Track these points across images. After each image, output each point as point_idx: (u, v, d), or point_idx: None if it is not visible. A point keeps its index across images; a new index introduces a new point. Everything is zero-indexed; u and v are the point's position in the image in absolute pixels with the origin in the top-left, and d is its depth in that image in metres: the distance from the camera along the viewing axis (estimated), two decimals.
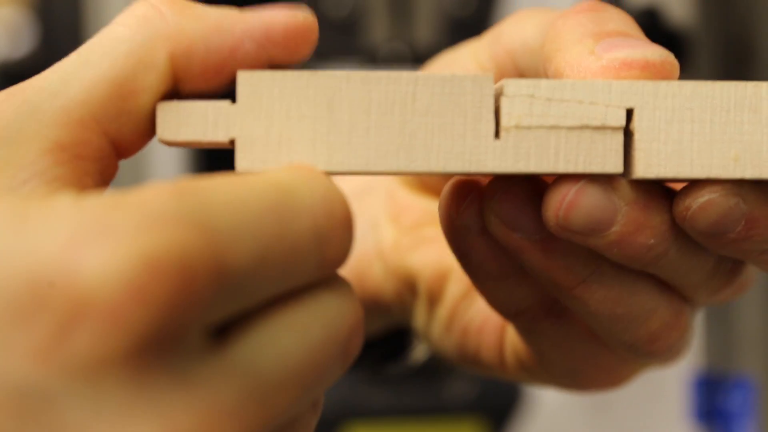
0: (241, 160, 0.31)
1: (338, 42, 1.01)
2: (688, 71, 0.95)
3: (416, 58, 1.00)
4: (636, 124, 0.32)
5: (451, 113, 0.32)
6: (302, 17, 0.33)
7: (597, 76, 0.33)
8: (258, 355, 0.28)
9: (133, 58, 0.32)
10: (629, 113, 0.33)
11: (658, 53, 0.33)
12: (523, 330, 0.39)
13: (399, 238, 0.46)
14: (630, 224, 0.33)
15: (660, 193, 0.34)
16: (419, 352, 0.55)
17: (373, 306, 0.47)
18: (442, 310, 0.44)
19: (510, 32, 0.39)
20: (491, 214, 0.34)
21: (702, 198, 0.33)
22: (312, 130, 0.31)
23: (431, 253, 0.44)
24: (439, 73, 0.33)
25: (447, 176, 0.35)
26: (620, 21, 0.35)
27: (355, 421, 0.89)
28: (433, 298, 0.44)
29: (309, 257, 0.29)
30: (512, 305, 0.38)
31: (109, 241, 0.25)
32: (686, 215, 0.33)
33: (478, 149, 0.32)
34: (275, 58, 0.33)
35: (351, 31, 1.00)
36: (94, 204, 0.26)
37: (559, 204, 0.32)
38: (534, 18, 0.39)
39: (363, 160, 0.32)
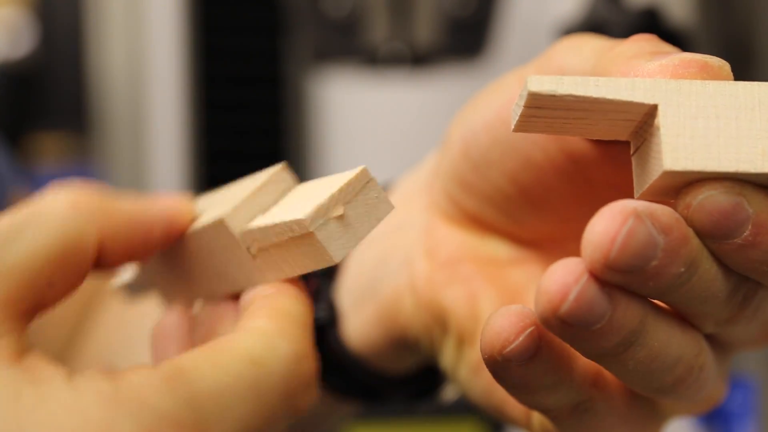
0: None
1: (338, 42, 1.01)
2: None
3: (416, 58, 1.00)
4: (661, 120, 0.33)
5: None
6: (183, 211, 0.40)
7: (654, 76, 0.33)
8: None
9: (67, 239, 0.36)
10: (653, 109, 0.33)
11: (716, 59, 0.34)
12: (550, 420, 0.39)
13: (433, 272, 0.44)
14: (666, 257, 0.32)
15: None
16: (450, 391, 0.54)
17: (402, 341, 0.46)
18: (472, 353, 0.43)
19: (564, 54, 0.39)
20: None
21: (701, 195, 0.32)
22: None
23: (465, 292, 0.43)
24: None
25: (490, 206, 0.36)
26: (676, 49, 0.35)
27: (356, 421, 0.89)
28: (464, 339, 0.43)
29: (282, 421, 0.34)
30: (539, 408, 0.37)
31: None
32: (687, 214, 0.33)
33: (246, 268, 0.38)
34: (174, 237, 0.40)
35: (351, 31, 1.00)
36: (90, 393, 0.32)
37: (610, 245, 0.31)
38: (590, 43, 0.39)
39: None
